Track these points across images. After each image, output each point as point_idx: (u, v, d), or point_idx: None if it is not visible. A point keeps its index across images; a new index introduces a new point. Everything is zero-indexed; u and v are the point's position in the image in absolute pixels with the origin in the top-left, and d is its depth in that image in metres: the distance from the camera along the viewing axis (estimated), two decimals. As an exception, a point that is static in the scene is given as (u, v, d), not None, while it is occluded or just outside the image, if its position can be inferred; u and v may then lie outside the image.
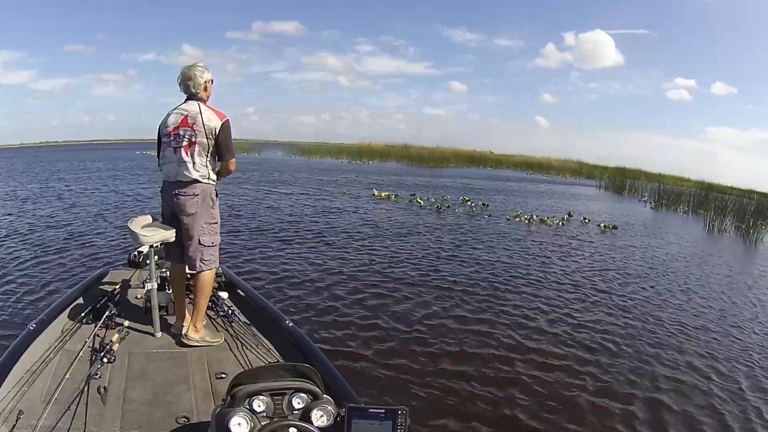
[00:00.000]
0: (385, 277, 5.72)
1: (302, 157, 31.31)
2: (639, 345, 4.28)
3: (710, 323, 5.08)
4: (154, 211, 2.90)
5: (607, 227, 10.89)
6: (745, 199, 15.55)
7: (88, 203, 10.29)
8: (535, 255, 7.56)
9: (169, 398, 2.13)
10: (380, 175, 20.92)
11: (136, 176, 16.63)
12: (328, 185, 15.87)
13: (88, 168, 19.84)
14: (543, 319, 4.71)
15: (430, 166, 28.74)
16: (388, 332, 4.07)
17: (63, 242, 6.56)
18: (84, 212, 9.05)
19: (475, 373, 3.48)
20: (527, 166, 32.76)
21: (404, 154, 31.47)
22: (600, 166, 30.76)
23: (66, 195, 11.45)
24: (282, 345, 2.66)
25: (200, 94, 2.64)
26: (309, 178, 17.86)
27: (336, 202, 12.12)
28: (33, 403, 1.97)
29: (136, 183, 14.47)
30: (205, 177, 2.61)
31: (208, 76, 2.65)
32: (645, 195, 19.91)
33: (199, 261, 2.66)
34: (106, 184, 14.07)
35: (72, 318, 2.77)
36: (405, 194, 13.82)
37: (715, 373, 3.87)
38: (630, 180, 23.47)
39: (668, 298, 5.85)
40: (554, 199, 16.72)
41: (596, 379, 3.57)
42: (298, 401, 1.54)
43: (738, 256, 10.24)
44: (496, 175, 26.39)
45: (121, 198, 11.32)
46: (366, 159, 30.64)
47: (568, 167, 32.11)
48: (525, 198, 16.14)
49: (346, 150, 33.85)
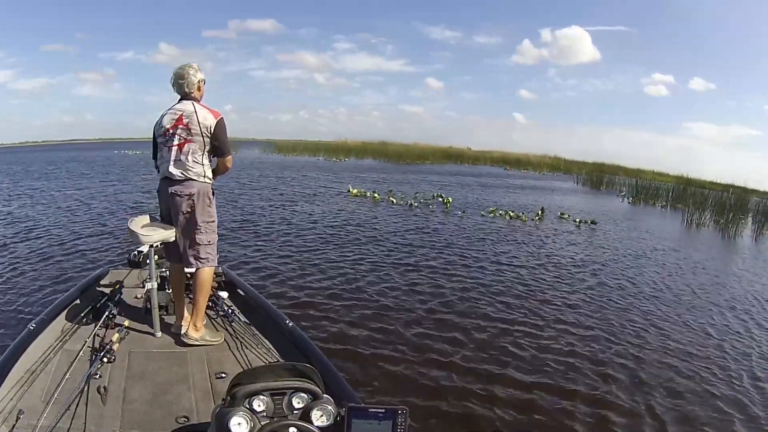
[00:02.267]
0: (352, 275, 5.56)
1: (279, 154, 30.59)
2: (607, 342, 4.23)
3: (682, 318, 5.03)
4: (154, 211, 2.89)
5: (583, 222, 10.68)
6: (725, 194, 15.41)
7: (84, 203, 9.91)
8: (510, 252, 7.31)
9: (169, 398, 2.12)
10: (357, 172, 20.37)
11: (128, 176, 15.94)
12: (304, 183, 15.26)
13: (76, 168, 18.98)
14: (536, 315, 4.64)
15: (407, 163, 28.41)
16: (388, 331, 4.03)
17: (62, 242, 6.45)
18: (83, 212, 8.83)
19: (476, 372, 3.45)
20: (505, 163, 32.42)
21: (381, 152, 31.08)
22: (578, 161, 30.73)
23: (56, 195, 10.97)
24: (282, 345, 2.65)
25: (194, 94, 2.66)
26: (283, 176, 17.09)
27: (310, 199, 11.66)
28: (33, 403, 1.97)
29: (130, 183, 13.88)
30: (201, 175, 2.63)
31: (201, 75, 2.67)
32: (623, 190, 19.81)
33: (197, 259, 2.68)
34: (100, 183, 13.58)
35: (72, 318, 2.76)
36: (380, 191, 13.30)
37: (684, 367, 3.86)
38: (608, 175, 23.39)
39: (639, 293, 5.79)
40: (531, 194, 16.51)
41: (591, 378, 3.53)
42: (298, 401, 1.52)
43: (716, 251, 10.20)
44: (474, 171, 26.12)
45: (120, 198, 10.92)
46: (343, 156, 30.03)
47: (546, 163, 31.79)
48: (501, 194, 15.85)
49: (324, 147, 33.07)
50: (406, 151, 30.95)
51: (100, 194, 11.38)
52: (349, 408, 1.40)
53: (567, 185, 22.02)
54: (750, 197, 15.30)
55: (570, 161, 31.40)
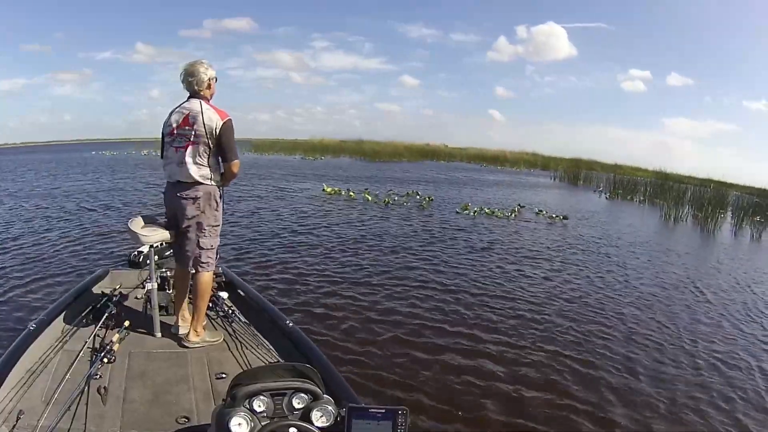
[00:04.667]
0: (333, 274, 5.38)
1: (256, 153, 29.71)
2: (583, 338, 4.16)
3: (660, 314, 4.94)
4: (153, 211, 2.79)
5: (559, 218, 10.31)
6: (703, 189, 15.31)
7: (83, 203, 9.49)
8: (488, 249, 7.05)
9: (169, 398, 2.10)
10: (333, 170, 19.84)
11: (127, 176, 15.13)
12: (280, 181, 14.59)
13: (64, 168, 17.85)
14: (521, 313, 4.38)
15: (384, 160, 27.91)
16: (387, 331, 3.96)
17: (61, 243, 6.27)
18: (83, 212, 8.59)
19: (476, 372, 3.38)
20: (482, 160, 32.09)
21: (358, 150, 30.64)
22: (555, 157, 30.47)
23: (58, 196, 10.41)
24: (282, 345, 2.62)
25: (203, 92, 2.54)
26: (260, 174, 16.33)
27: (286, 198, 11.16)
28: (33, 404, 1.95)
29: (129, 183, 13.17)
30: (207, 178, 2.53)
31: (212, 73, 2.56)
32: (600, 185, 19.62)
33: (198, 263, 2.63)
34: (97, 183, 12.97)
35: (72, 318, 2.74)
36: (355, 189, 12.73)
37: (657, 365, 3.78)
38: (585, 171, 23.24)
39: (614, 287, 5.69)
40: (508, 190, 16.17)
41: (584, 376, 3.50)
42: (299, 401, 1.50)
43: (694, 245, 10.06)
44: (450, 168, 25.72)
45: (120, 198, 10.43)
46: (319, 155, 29.49)
47: (523, 159, 31.51)
48: (477, 190, 15.45)
49: (301, 146, 32.56)
50: (382, 149, 30.43)
51: (98, 194, 10.83)
52: (349, 408, 1.39)
53: (544, 181, 21.81)
54: (729, 191, 15.24)
55: (547, 157, 31.16)
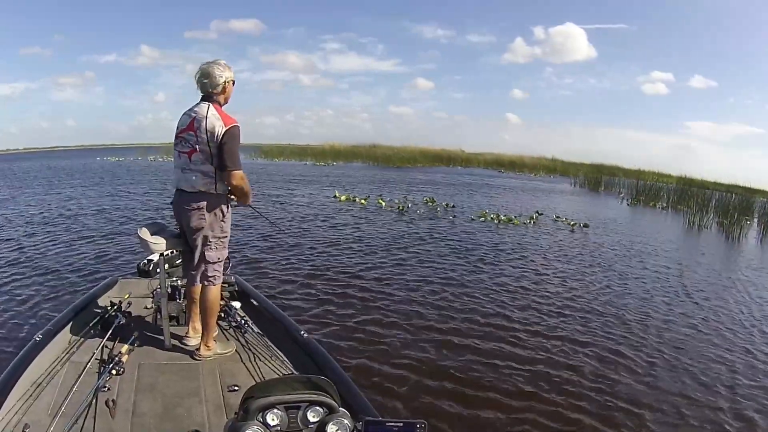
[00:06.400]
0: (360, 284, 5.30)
1: (265, 159, 29.98)
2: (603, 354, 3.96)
3: (688, 325, 4.78)
4: (164, 218, 2.30)
5: (579, 225, 10.16)
6: (728, 195, 14.88)
7: (91, 211, 9.52)
8: (507, 260, 6.83)
9: (180, 411, 2.07)
10: (345, 177, 19.79)
11: (134, 183, 15.39)
12: (291, 188, 14.67)
13: (74, 176, 18.18)
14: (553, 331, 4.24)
15: (398, 166, 27.71)
16: (404, 342, 3.87)
17: (69, 251, 6.19)
18: (91, 220, 8.55)
19: (497, 386, 3.29)
20: (499, 165, 31.74)
21: (370, 155, 30.39)
22: (575, 163, 30.08)
23: (65, 203, 10.51)
24: (296, 356, 2.56)
25: (217, 96, 2.41)
26: (270, 181, 16.48)
27: (298, 205, 11.09)
28: (39, 417, 1.91)
29: (138, 190, 13.32)
30: (212, 188, 2.41)
31: (228, 75, 2.42)
32: (622, 192, 19.22)
33: (203, 277, 2.53)
34: (102, 191, 13.10)
35: (79, 329, 2.67)
36: (368, 196, 12.70)
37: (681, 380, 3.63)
38: (606, 177, 22.81)
39: (639, 300, 5.47)
40: (526, 197, 15.96)
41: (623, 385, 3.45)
42: (314, 415, 1.44)
43: (720, 253, 9.71)
44: (466, 174, 25.48)
45: (130, 205, 10.48)
46: (331, 160, 29.47)
47: (542, 165, 31.15)
48: (495, 197, 15.28)
49: (311, 151, 32.54)
50: (396, 155, 30.17)
51: (106, 201, 10.91)
52: (365, 422, 1.37)
53: (564, 187, 21.51)
54: (755, 198, 14.76)
55: (567, 163, 30.78)
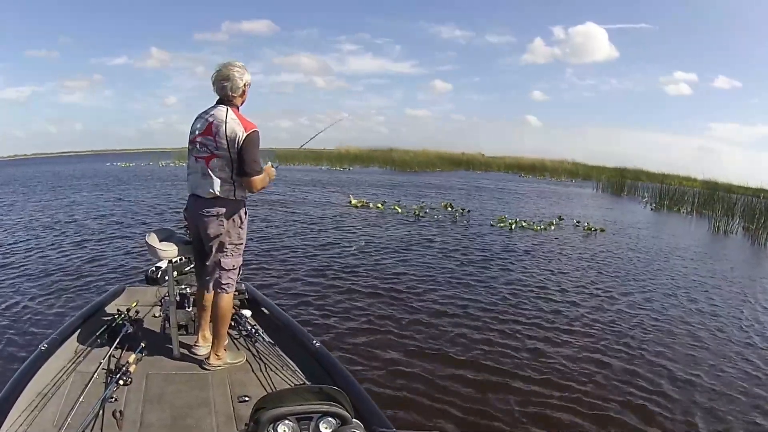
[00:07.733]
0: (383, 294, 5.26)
1: (280, 164, 30.04)
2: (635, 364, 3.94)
3: (714, 334, 4.69)
4: (173, 225, 2.52)
5: (600, 231, 10.12)
6: (755, 199, 14.53)
7: (100, 217, 9.67)
8: (526, 269, 6.77)
9: (189, 422, 2.04)
10: (363, 182, 19.82)
11: (141, 189, 15.70)
12: (306, 194, 14.90)
13: (91, 179, 19.01)
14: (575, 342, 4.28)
15: (415, 170, 27.46)
16: (418, 352, 3.83)
17: (76, 258, 6.17)
18: (99, 226, 8.59)
19: (515, 397, 3.26)
20: (519, 169, 31.37)
21: (387, 159, 30.06)
22: (598, 166, 29.42)
23: (74, 209, 10.74)
24: (308, 366, 2.53)
25: (235, 100, 2.39)
26: (285, 186, 16.68)
27: (312, 212, 11.16)
28: (45, 428, 1.89)
29: (147, 196, 13.61)
30: (231, 194, 2.38)
31: (248, 78, 2.40)
32: (645, 196, 18.90)
33: (217, 284, 2.51)
34: (112, 197, 13.33)
35: (86, 338, 2.64)
36: (385, 201, 12.84)
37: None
38: (630, 181, 22.42)
39: (663, 307, 5.41)
40: (547, 201, 15.85)
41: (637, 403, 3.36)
42: (326, 426, 1.43)
43: (746, 260, 9.52)
44: (485, 178, 25.23)
45: (139, 211, 10.64)
46: (347, 165, 29.32)
47: (564, 168, 30.54)
48: (515, 202, 15.22)
49: (326, 156, 32.09)
50: (413, 159, 29.88)
51: (115, 207, 11.12)
52: None
53: (586, 192, 21.22)
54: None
55: (589, 166, 30.19)
